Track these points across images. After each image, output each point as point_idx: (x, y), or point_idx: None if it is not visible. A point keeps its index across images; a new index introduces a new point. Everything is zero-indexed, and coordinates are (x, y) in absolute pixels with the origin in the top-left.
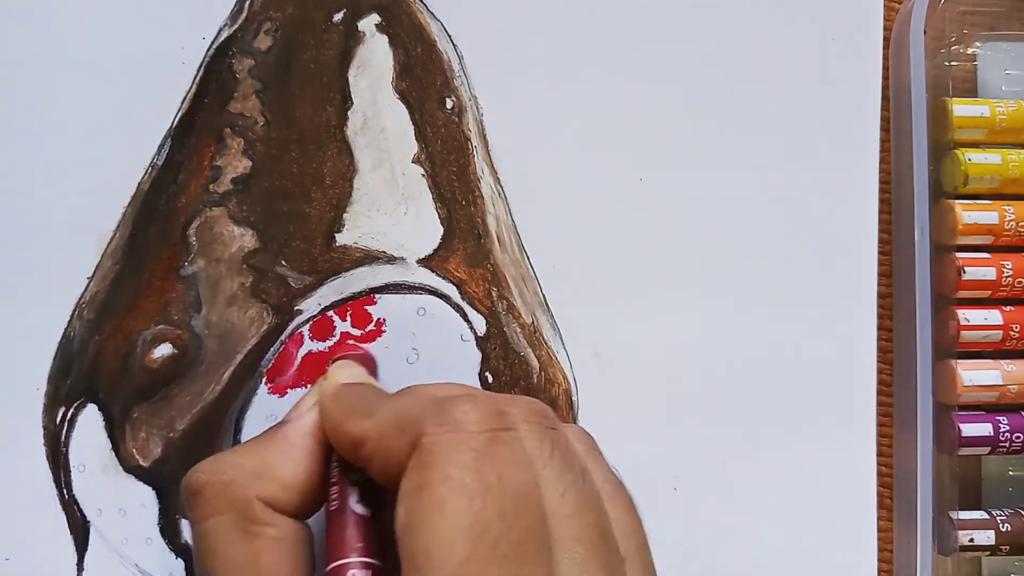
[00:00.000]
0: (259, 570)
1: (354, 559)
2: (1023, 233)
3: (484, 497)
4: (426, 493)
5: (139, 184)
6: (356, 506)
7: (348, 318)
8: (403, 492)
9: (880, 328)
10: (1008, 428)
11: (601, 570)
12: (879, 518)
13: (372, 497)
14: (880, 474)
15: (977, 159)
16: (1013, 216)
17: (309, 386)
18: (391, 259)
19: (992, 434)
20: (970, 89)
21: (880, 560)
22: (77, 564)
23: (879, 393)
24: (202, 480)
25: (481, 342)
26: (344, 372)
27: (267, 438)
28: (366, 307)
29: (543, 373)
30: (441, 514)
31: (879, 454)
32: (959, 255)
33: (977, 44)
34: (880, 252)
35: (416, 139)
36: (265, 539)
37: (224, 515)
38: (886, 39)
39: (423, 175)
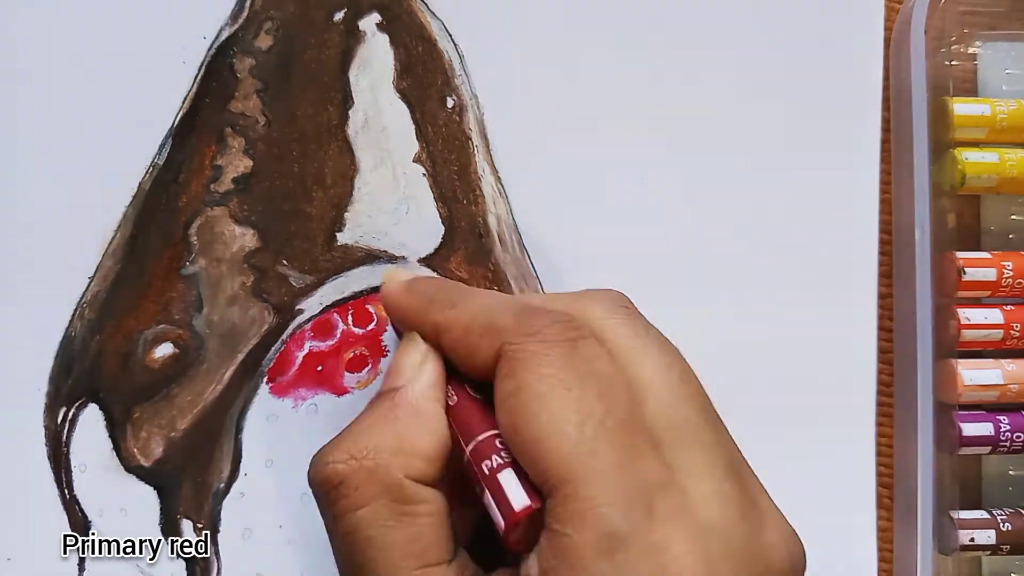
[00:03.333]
0: (424, 550)
1: (487, 434)
2: None
3: (581, 386)
4: (524, 392)
5: (140, 184)
6: (475, 394)
7: (349, 317)
8: (500, 398)
9: (880, 328)
10: (1009, 427)
11: (711, 431)
12: (879, 518)
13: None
14: (879, 474)
15: (974, 158)
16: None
17: (399, 346)
18: (392, 258)
19: (993, 433)
20: (970, 89)
21: (880, 560)
22: (78, 564)
23: (879, 393)
24: (342, 471)
25: None
26: (401, 274)
27: (389, 409)
28: (367, 306)
29: None
30: (544, 406)
31: (878, 454)
32: (959, 255)
33: (977, 44)
34: (880, 252)
35: (417, 138)
36: (423, 517)
37: (376, 502)
38: (886, 39)
39: (424, 174)
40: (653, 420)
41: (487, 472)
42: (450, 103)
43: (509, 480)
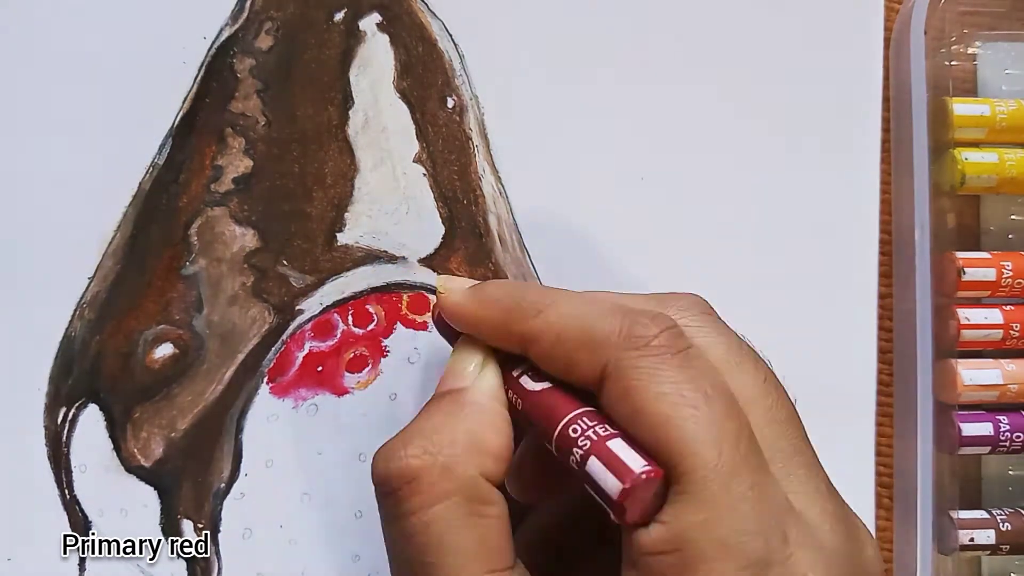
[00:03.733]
0: (491, 553)
1: (583, 409)
2: None
3: (708, 403)
4: (647, 416)
5: (140, 184)
6: (553, 381)
7: (350, 318)
8: (616, 414)
9: (880, 328)
10: (1008, 427)
11: (810, 451)
12: (878, 518)
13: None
14: (879, 474)
15: (974, 158)
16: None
17: (456, 348)
18: (392, 258)
19: (992, 433)
20: (970, 89)
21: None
22: (78, 564)
23: (879, 393)
24: (416, 465)
25: None
26: (455, 283)
27: (456, 409)
28: (367, 306)
29: None
30: (676, 423)
31: (878, 454)
32: (959, 255)
33: (977, 44)
34: (880, 252)
35: (417, 138)
36: (492, 518)
37: (451, 499)
38: (886, 39)
39: (424, 174)
40: (761, 440)
41: (595, 439)
42: (450, 103)
43: (620, 447)
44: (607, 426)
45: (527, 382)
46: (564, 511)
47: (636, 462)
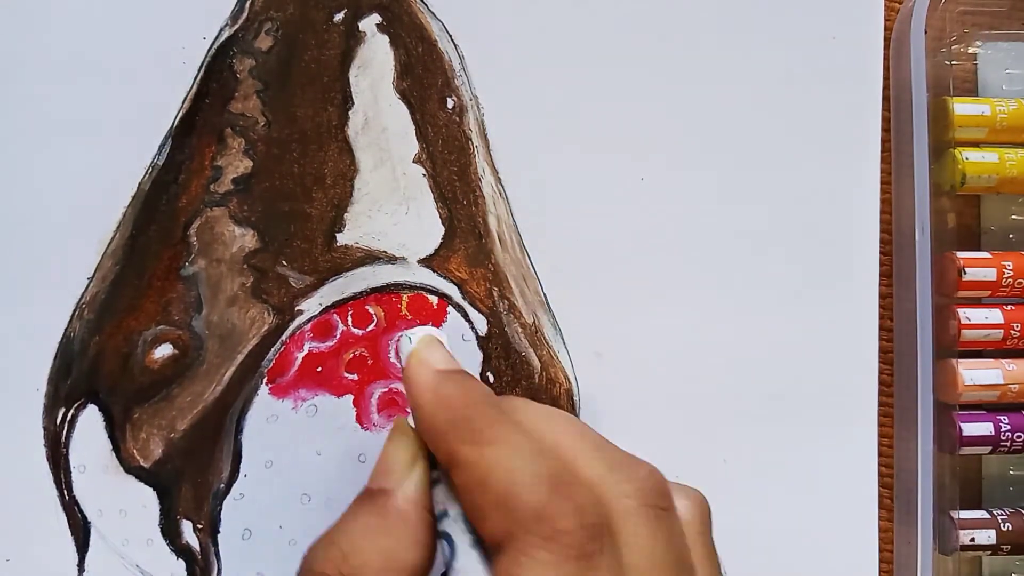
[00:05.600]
0: None
1: None
2: None
3: None
4: None
5: (140, 184)
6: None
7: (349, 318)
8: None
9: (881, 328)
10: (1009, 427)
11: None
12: (879, 518)
13: None
14: (880, 474)
15: (975, 158)
16: None
17: (389, 436)
18: (392, 259)
19: (993, 433)
20: (970, 89)
21: (881, 561)
22: (78, 565)
23: (880, 393)
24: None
25: (482, 342)
26: (435, 354)
27: (379, 519)
28: (367, 307)
29: (544, 373)
30: None
31: (880, 454)
32: (959, 255)
33: (978, 43)
34: (881, 252)
35: (417, 139)
36: None
37: None
38: (886, 39)
39: (424, 175)
40: None
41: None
42: (450, 104)
43: None
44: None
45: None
46: None
47: None
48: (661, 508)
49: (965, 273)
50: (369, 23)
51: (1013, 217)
